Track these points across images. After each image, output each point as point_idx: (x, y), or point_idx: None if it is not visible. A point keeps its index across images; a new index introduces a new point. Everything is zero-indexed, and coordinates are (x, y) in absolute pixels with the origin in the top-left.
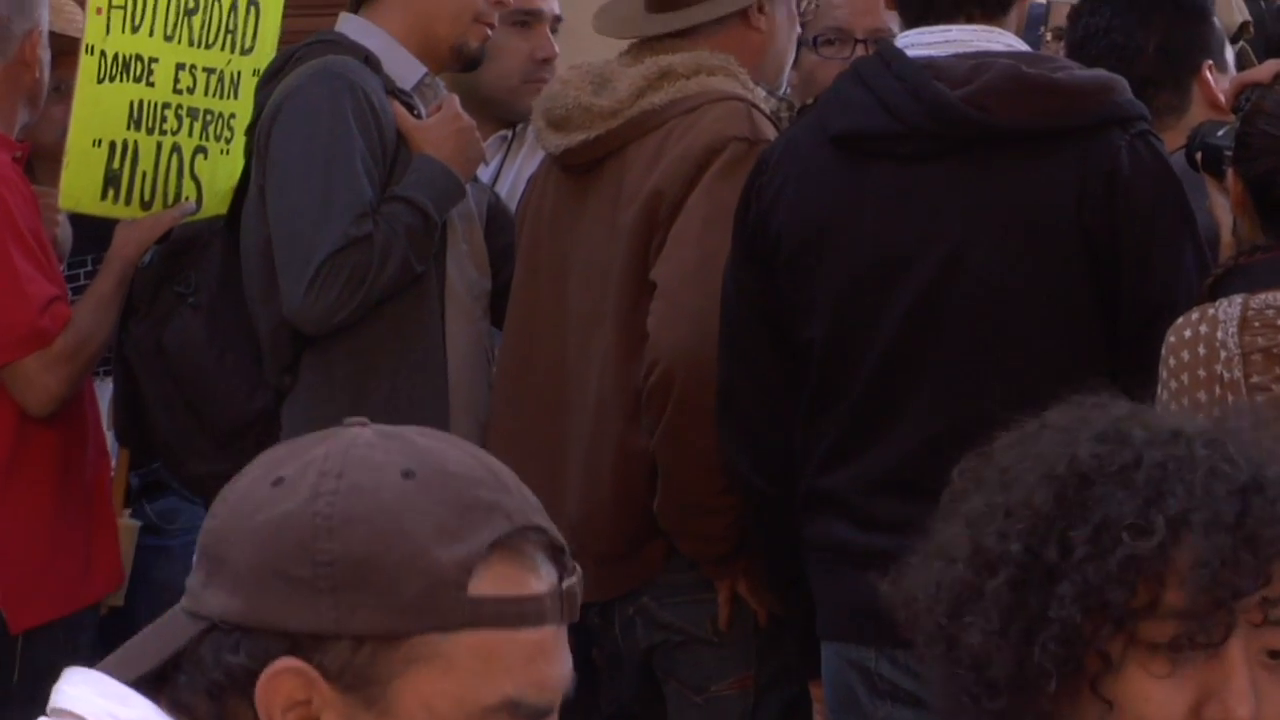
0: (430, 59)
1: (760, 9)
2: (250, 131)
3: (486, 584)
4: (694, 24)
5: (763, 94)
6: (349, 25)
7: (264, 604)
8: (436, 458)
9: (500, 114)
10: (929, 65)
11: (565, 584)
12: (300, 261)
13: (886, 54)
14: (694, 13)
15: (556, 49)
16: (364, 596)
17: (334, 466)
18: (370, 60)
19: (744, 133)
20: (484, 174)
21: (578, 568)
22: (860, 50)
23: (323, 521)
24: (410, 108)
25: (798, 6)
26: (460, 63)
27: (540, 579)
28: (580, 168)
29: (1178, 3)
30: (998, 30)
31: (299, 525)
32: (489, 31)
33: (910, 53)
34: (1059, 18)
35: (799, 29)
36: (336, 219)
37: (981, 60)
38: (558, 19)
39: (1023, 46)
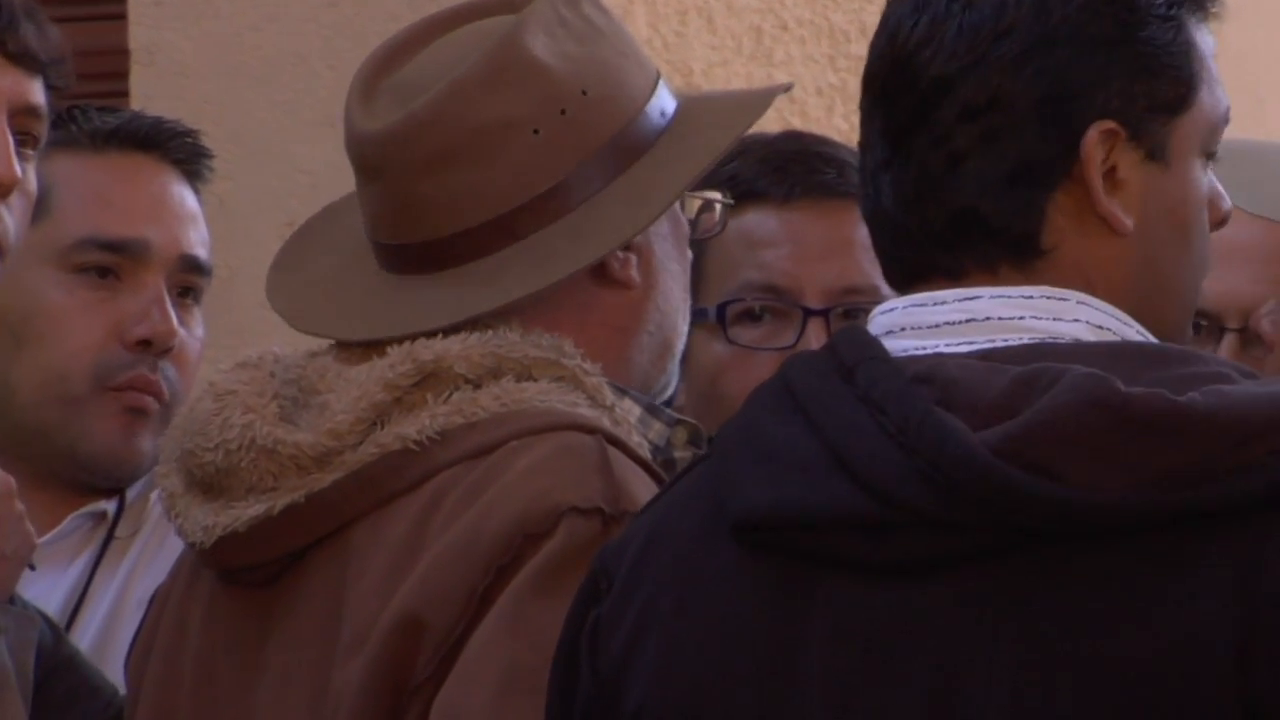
0: None
1: (627, 245)
2: None
3: None
4: (505, 302)
5: (636, 413)
6: None
7: None
8: None
9: (37, 458)
10: (930, 375)
11: None
12: None
13: (848, 350)
14: (502, 264)
15: (180, 323)
16: None
17: None
18: None
19: (590, 497)
20: (48, 588)
21: None
22: (817, 332)
23: None
24: None
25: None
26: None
27: None
28: (255, 572)
29: None
30: (1075, 295)
31: None
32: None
33: (894, 344)
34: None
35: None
36: None
37: (1037, 368)
38: (195, 263)
39: (1124, 326)
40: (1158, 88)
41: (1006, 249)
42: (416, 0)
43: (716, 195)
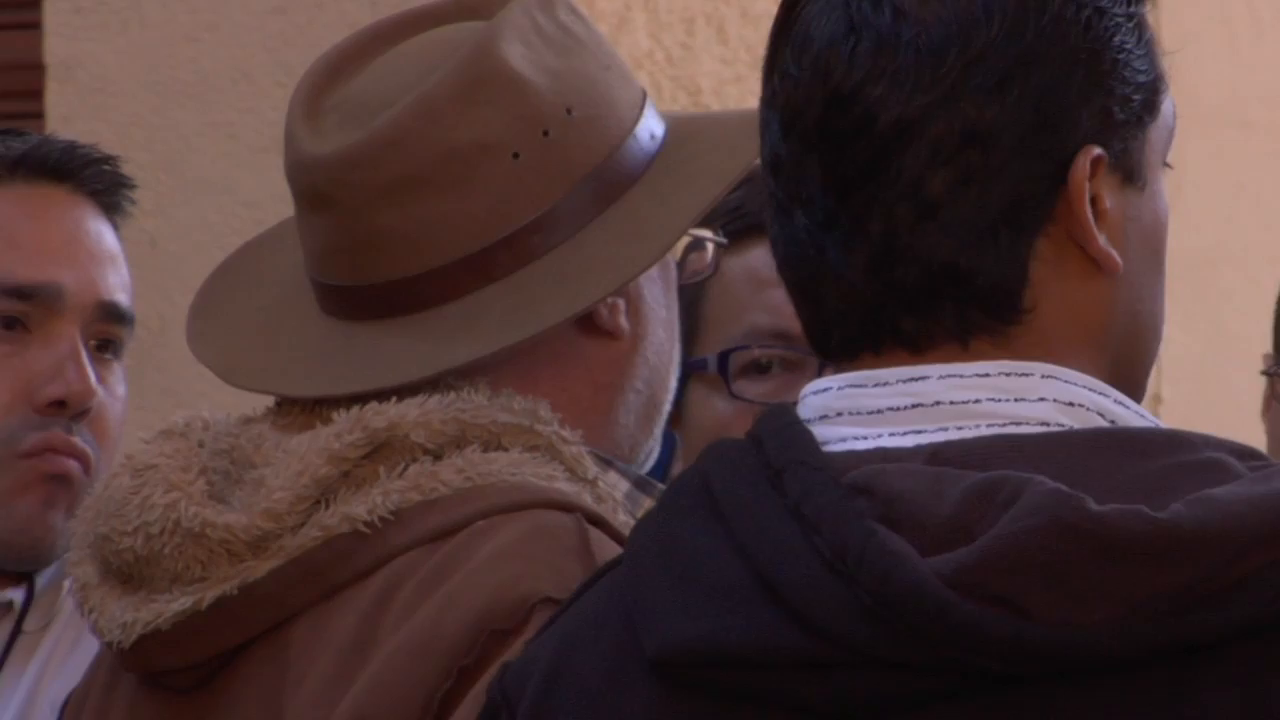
0: None
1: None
2: None
3: None
4: (486, 353)
5: (623, 488)
6: None
7: None
8: None
9: None
10: (870, 484)
11: None
12: None
13: (775, 447)
14: (477, 308)
15: (98, 381)
16: None
17: None
18: None
19: (567, 586)
20: None
21: None
22: None
23: None
24: None
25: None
26: None
27: None
28: (182, 675)
29: None
30: (1040, 368)
31: None
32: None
33: (830, 432)
34: None
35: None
36: None
37: (994, 478)
38: (115, 311)
39: (1099, 397)
40: (1131, 98)
41: (986, 312)
42: (379, 5)
43: (708, 233)
